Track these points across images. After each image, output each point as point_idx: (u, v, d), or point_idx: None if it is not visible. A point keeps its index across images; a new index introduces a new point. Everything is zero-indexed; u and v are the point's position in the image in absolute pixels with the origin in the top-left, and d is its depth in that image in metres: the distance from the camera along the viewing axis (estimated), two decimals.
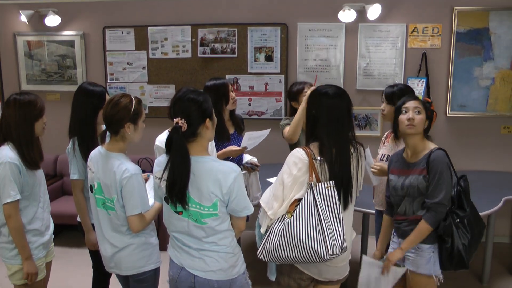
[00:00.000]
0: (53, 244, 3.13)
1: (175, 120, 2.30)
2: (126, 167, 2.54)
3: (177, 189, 2.31)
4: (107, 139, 2.69)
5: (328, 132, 2.48)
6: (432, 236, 2.77)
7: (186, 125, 2.29)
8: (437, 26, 5.05)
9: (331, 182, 2.43)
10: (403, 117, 2.82)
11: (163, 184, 2.38)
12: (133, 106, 2.57)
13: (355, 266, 2.98)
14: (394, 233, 3.01)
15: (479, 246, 2.87)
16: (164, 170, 2.35)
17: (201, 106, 2.34)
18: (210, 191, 2.33)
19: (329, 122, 2.49)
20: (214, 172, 2.34)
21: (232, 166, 2.39)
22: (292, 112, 3.93)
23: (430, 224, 2.71)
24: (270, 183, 2.68)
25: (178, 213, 2.40)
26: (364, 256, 2.98)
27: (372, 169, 3.30)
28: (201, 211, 2.36)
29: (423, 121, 2.81)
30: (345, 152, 2.49)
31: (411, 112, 2.80)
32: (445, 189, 2.70)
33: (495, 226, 4.25)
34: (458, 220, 2.74)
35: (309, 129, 2.58)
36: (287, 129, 3.61)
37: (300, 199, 2.43)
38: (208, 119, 2.38)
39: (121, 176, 2.52)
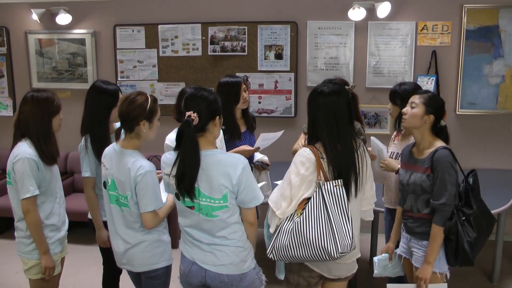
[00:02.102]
0: (67, 240, 3.16)
1: (187, 113, 2.35)
2: (141, 164, 2.57)
3: (186, 180, 2.35)
4: (122, 136, 2.72)
5: (329, 131, 2.45)
6: None
7: (198, 119, 2.34)
8: (447, 24, 5.04)
9: (339, 180, 2.42)
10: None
11: (172, 180, 2.41)
12: (149, 104, 2.61)
13: (364, 265, 2.98)
14: (403, 227, 3.02)
15: (486, 243, 2.87)
16: (173, 166, 2.39)
17: (211, 105, 2.42)
18: (220, 183, 2.37)
19: (328, 122, 2.46)
20: (223, 164, 2.39)
21: (239, 157, 2.45)
22: None
23: (440, 225, 2.73)
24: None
25: (190, 208, 2.44)
26: (388, 285, 2.88)
27: (381, 164, 3.28)
28: (212, 204, 2.39)
29: (417, 115, 2.80)
30: (349, 150, 2.48)
31: (408, 106, 2.84)
32: (449, 190, 2.70)
33: (505, 225, 4.24)
34: (464, 218, 2.74)
35: (310, 130, 2.56)
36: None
37: (308, 198, 2.43)
38: (217, 117, 2.45)
39: (136, 173, 2.55)
